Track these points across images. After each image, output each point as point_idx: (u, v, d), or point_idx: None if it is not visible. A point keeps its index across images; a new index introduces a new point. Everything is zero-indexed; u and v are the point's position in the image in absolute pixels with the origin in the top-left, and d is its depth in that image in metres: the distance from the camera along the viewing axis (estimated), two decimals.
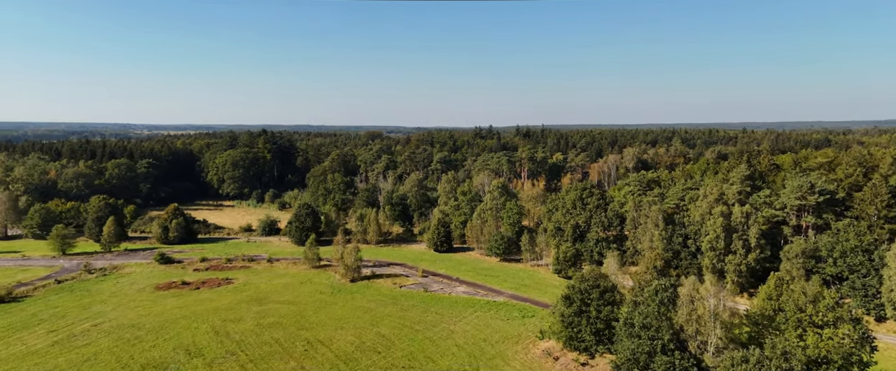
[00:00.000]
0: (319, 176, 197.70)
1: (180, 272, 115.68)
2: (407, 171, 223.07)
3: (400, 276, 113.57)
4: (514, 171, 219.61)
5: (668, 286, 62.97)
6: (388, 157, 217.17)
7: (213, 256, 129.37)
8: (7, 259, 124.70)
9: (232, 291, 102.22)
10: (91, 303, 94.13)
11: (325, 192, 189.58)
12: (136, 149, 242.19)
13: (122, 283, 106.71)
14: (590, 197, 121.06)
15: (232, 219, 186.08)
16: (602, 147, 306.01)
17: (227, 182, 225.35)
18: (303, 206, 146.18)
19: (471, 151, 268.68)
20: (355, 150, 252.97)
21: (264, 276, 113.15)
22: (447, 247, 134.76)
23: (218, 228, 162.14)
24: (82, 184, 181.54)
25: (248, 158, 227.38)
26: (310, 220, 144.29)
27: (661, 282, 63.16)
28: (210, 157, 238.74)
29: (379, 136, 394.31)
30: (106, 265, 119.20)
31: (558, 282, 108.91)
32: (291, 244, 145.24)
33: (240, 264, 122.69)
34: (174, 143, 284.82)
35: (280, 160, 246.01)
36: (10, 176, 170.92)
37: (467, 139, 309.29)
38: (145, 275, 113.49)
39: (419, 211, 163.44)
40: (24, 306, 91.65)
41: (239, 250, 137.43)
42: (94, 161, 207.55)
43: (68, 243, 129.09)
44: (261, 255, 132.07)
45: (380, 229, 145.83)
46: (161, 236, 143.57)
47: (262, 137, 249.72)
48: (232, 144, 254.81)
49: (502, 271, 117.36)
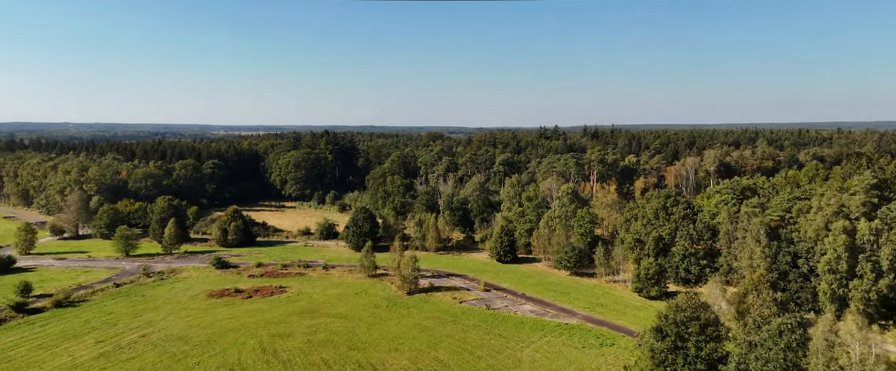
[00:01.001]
0: (379, 178, 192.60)
1: (235, 278, 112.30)
2: (468, 174, 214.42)
3: (460, 289, 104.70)
4: (583, 174, 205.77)
5: (794, 326, 50.30)
6: (449, 159, 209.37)
7: (268, 261, 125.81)
8: (74, 259, 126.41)
9: (284, 302, 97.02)
10: (144, 310, 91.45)
11: (385, 194, 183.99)
12: (203, 149, 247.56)
13: (176, 289, 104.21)
14: (675, 206, 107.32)
15: (292, 221, 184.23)
16: (678, 148, 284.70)
17: (290, 183, 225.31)
18: (360, 210, 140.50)
19: (535, 153, 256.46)
20: (416, 152, 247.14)
21: (318, 285, 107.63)
22: (511, 257, 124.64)
23: (277, 231, 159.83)
24: (151, 184, 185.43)
25: (310, 159, 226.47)
26: (367, 224, 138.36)
27: (785, 321, 50.58)
28: (274, 158, 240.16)
29: (440, 136, 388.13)
30: (164, 268, 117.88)
31: (639, 302, 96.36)
32: (348, 249, 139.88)
33: (295, 271, 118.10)
34: (241, 144, 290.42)
35: (341, 161, 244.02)
36: (84, 176, 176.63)
37: (531, 140, 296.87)
38: (200, 280, 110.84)
39: (481, 216, 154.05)
40: (80, 312, 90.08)
41: (296, 255, 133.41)
42: (163, 162, 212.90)
43: (131, 245, 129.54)
44: (317, 261, 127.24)
45: (439, 236, 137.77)
46: (220, 239, 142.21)
47: (324, 138, 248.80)
48: (295, 145, 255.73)
49: (573, 287, 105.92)
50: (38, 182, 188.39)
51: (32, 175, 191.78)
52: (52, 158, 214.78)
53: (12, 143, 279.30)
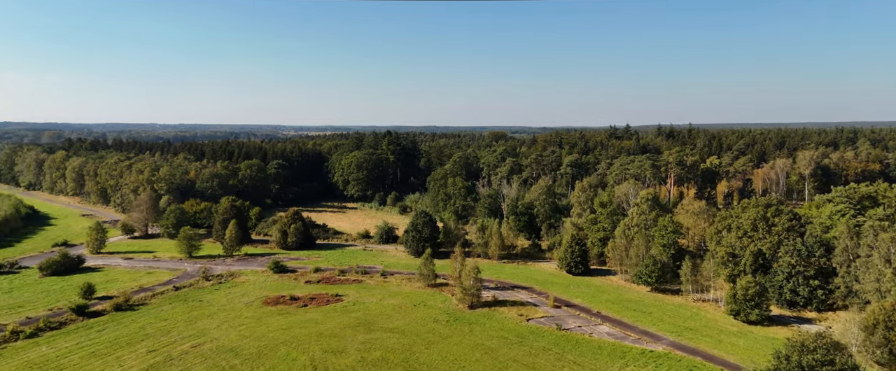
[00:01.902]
0: (440, 179, 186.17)
1: (291, 284, 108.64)
2: (533, 176, 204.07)
3: (527, 304, 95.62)
4: (659, 177, 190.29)
5: None
6: (513, 160, 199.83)
7: (326, 266, 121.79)
8: (140, 259, 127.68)
9: (340, 312, 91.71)
10: (199, 316, 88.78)
11: (445, 196, 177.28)
12: (269, 150, 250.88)
13: (233, 294, 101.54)
14: (777, 216, 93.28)
15: (352, 222, 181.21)
16: (765, 149, 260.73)
17: (352, 184, 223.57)
18: (420, 213, 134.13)
19: (605, 154, 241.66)
20: (478, 152, 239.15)
21: (376, 294, 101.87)
22: (583, 269, 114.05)
23: (336, 233, 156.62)
24: (217, 184, 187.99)
25: (371, 160, 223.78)
26: (427, 229, 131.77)
27: None
28: (337, 159, 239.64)
29: (503, 136, 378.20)
30: (223, 272, 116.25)
31: (736, 327, 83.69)
32: (407, 255, 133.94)
33: (352, 278, 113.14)
34: (305, 144, 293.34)
35: (403, 162, 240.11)
36: (155, 175, 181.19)
37: (600, 140, 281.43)
38: (257, 285, 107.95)
39: (548, 222, 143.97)
40: (137, 316, 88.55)
41: (354, 260, 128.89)
42: (230, 162, 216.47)
43: (194, 246, 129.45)
44: (375, 267, 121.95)
45: (503, 243, 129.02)
46: (280, 241, 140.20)
47: (386, 138, 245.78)
48: (358, 145, 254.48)
49: (656, 306, 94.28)
50: (115, 181, 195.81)
51: (110, 174, 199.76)
52: (129, 158, 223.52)
53: (96, 143, 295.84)
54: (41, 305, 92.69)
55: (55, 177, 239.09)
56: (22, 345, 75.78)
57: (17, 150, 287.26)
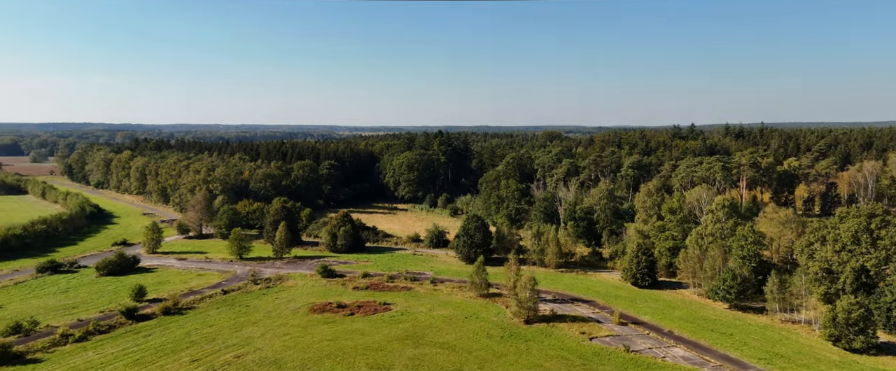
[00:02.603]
0: (492, 181, 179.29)
1: (339, 290, 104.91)
2: (591, 178, 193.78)
3: (589, 320, 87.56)
4: (730, 180, 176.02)
5: None
6: (570, 162, 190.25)
7: (375, 271, 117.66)
8: (193, 260, 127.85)
9: (387, 322, 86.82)
10: (245, 323, 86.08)
11: (498, 199, 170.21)
12: (322, 150, 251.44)
13: (280, 299, 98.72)
14: (884, 228, 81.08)
15: (402, 225, 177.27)
16: (849, 150, 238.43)
17: (403, 185, 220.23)
18: (472, 218, 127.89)
19: (668, 155, 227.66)
20: (532, 153, 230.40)
21: (425, 303, 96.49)
22: (650, 281, 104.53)
23: (386, 236, 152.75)
24: (270, 185, 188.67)
25: (422, 161, 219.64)
26: (479, 234, 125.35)
27: None
28: (388, 159, 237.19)
29: (557, 136, 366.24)
30: (272, 275, 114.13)
31: (837, 355, 72.83)
32: (458, 261, 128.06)
33: (401, 285, 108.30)
34: (357, 145, 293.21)
35: (454, 163, 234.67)
36: (211, 175, 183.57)
37: (663, 140, 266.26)
38: (305, 290, 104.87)
39: (609, 228, 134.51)
40: (185, 321, 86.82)
41: (403, 265, 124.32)
42: (283, 162, 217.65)
43: (245, 247, 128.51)
44: (425, 273, 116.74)
45: (560, 250, 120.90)
46: (329, 243, 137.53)
47: (438, 139, 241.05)
48: (409, 146, 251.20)
49: (736, 326, 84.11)
50: (174, 181, 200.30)
51: (169, 174, 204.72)
52: (189, 158, 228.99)
53: (160, 144, 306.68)
54: (94, 307, 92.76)
55: (120, 176, 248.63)
56: (70, 349, 74.95)
57: (89, 150, 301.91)
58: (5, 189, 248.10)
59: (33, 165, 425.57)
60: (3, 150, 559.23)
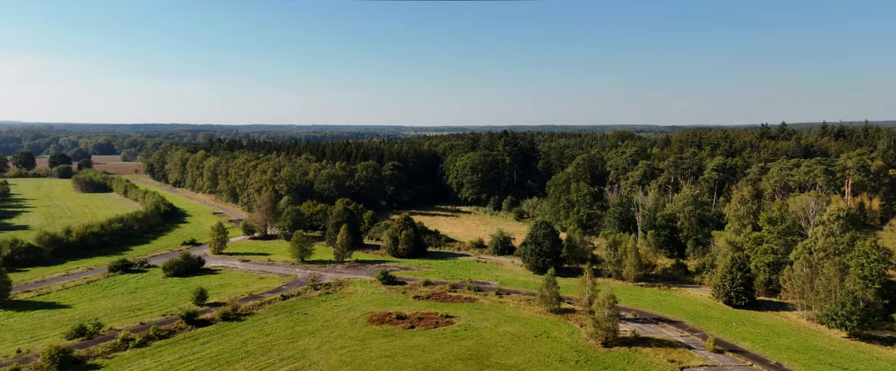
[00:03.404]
0: (561, 184, 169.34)
1: (399, 299, 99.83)
2: (670, 181, 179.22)
3: (678, 345, 77.34)
4: (834, 185, 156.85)
5: None
6: (647, 164, 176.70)
7: (437, 280, 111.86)
8: (256, 262, 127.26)
9: (449, 338, 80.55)
10: (301, 333, 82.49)
11: (567, 204, 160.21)
12: (386, 150, 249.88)
13: (339, 308, 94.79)
14: None
15: (465, 228, 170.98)
16: None
17: (466, 186, 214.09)
18: (540, 224, 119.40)
19: (756, 156, 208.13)
20: (603, 154, 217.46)
21: (490, 317, 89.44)
22: (747, 300, 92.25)
23: (449, 241, 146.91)
24: (334, 186, 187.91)
25: (486, 162, 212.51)
26: (548, 242, 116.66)
27: None
28: (451, 160, 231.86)
29: (630, 136, 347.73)
30: (332, 280, 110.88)
31: None
32: (525, 270, 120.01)
33: (465, 295, 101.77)
34: (421, 145, 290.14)
35: (520, 164, 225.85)
36: (277, 176, 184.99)
37: (749, 140, 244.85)
38: (365, 298, 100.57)
39: (694, 238, 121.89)
40: (242, 328, 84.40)
41: (467, 273, 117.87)
42: (347, 163, 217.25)
43: (306, 250, 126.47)
44: (489, 283, 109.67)
45: (640, 262, 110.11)
46: (391, 247, 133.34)
47: (503, 139, 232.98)
48: (473, 146, 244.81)
49: (861, 360, 71.32)
50: (242, 181, 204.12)
51: (238, 174, 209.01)
52: (258, 158, 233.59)
53: (233, 144, 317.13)
54: (157, 309, 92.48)
55: (195, 175, 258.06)
56: (129, 355, 73.78)
57: (168, 150, 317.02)
58: (93, 187, 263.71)
59: (122, 164, 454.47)
60: (99, 149, 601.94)
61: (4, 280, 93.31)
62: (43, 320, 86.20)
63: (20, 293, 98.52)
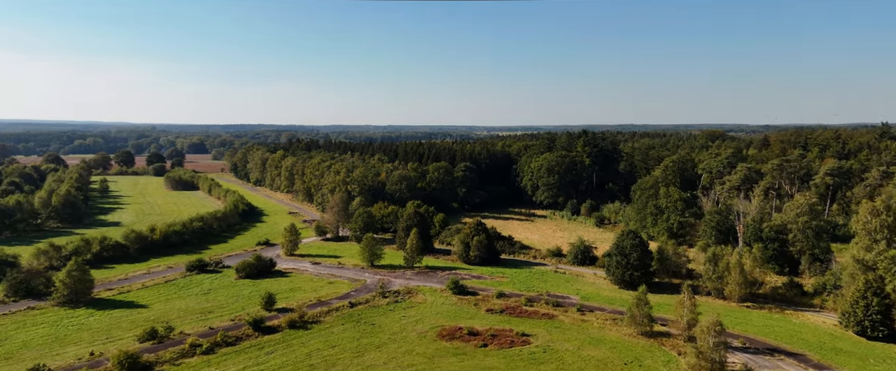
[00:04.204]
0: (648, 189, 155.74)
1: (471, 311, 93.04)
2: (774, 187, 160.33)
3: None
4: None
5: None
6: (747, 167, 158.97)
7: (511, 291, 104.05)
8: (326, 265, 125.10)
9: (526, 360, 72.75)
10: (367, 346, 77.70)
11: (656, 210, 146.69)
12: (458, 151, 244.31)
13: (408, 319, 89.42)
14: None
15: (541, 234, 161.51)
16: None
17: (541, 189, 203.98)
18: (628, 234, 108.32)
19: (876, 159, 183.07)
20: (694, 155, 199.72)
21: (572, 338, 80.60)
22: (885, 332, 77.39)
23: (524, 248, 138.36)
24: (405, 187, 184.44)
25: (564, 163, 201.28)
26: (636, 253, 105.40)
27: None
28: (526, 161, 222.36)
29: (721, 136, 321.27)
30: (401, 288, 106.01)
31: None
32: (610, 284, 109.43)
33: (542, 310, 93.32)
34: (494, 145, 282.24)
35: (600, 165, 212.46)
36: (349, 177, 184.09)
37: (866, 141, 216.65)
38: (434, 308, 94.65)
39: (811, 253, 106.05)
40: (307, 338, 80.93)
41: (544, 284, 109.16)
42: (419, 164, 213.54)
43: (376, 254, 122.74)
44: (570, 297, 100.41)
45: (745, 279, 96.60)
46: (462, 253, 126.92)
47: (582, 139, 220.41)
48: (549, 147, 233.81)
49: None
50: (317, 181, 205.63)
51: (313, 174, 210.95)
52: (333, 158, 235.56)
53: (310, 144, 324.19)
54: (227, 313, 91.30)
55: (273, 174, 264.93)
56: (195, 362, 71.93)
57: (250, 150, 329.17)
58: (182, 185, 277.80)
59: (212, 163, 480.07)
60: (192, 148, 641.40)
61: (87, 278, 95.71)
62: (120, 320, 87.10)
63: (103, 291, 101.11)
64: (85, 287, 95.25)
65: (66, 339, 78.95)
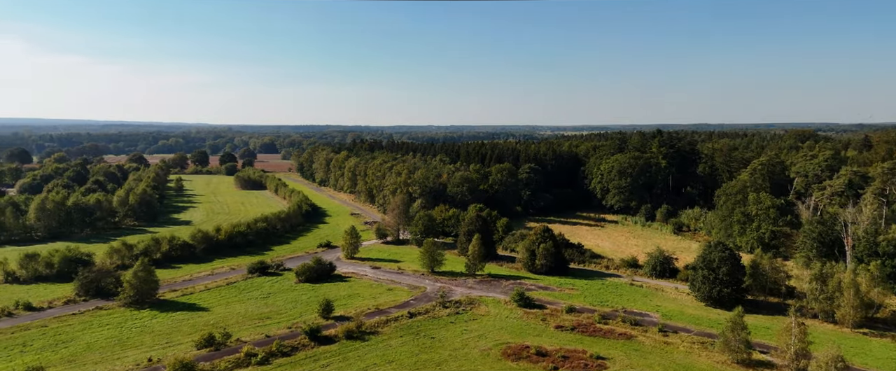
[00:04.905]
0: (735, 194, 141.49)
1: (538, 327, 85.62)
2: (882, 193, 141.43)
3: None
4: None
5: None
6: (852, 171, 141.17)
7: (583, 305, 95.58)
8: (386, 270, 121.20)
9: None
10: (426, 363, 72.21)
11: (744, 218, 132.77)
12: (522, 152, 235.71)
13: (470, 333, 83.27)
14: None
15: (613, 242, 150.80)
16: None
17: (612, 192, 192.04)
18: (715, 245, 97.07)
19: None
20: (784, 157, 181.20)
21: (655, 364, 71.64)
22: None
23: (594, 257, 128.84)
24: (467, 189, 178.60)
25: (637, 165, 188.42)
26: (726, 267, 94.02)
27: None
28: (595, 162, 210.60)
29: (812, 136, 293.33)
30: (462, 298, 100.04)
31: None
32: (694, 300, 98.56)
33: (619, 329, 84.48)
34: (560, 146, 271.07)
35: (677, 167, 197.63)
36: (411, 178, 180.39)
37: None
38: (498, 322, 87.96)
39: None
40: (364, 351, 76.52)
41: (619, 298, 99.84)
42: (481, 165, 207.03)
43: (437, 260, 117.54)
44: (649, 315, 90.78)
45: (861, 301, 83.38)
46: (527, 261, 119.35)
47: (657, 139, 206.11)
48: (620, 147, 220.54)
49: None
50: (378, 182, 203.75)
51: (375, 175, 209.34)
52: (395, 159, 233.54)
53: (374, 145, 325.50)
54: (285, 319, 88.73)
55: (337, 175, 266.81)
56: None
57: (315, 150, 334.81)
58: (251, 184, 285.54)
59: (281, 162, 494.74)
60: (264, 148, 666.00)
61: (152, 279, 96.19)
62: (181, 324, 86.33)
63: (167, 292, 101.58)
64: (150, 288, 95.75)
65: (128, 342, 78.60)
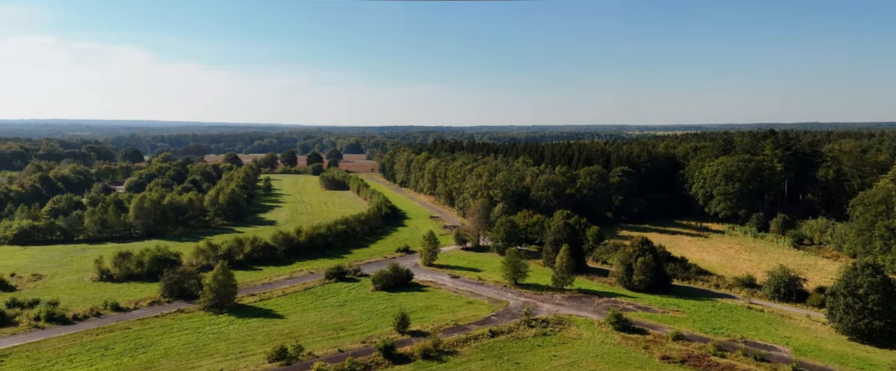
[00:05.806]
0: (876, 204, 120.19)
1: (641, 357, 74.24)
2: None
3: None
4: None
5: None
6: None
7: (692, 332, 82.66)
8: (465, 279, 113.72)
9: None
10: None
11: (889, 233, 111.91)
12: (613, 153, 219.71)
13: (559, 360, 73.64)
14: None
15: (721, 255, 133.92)
16: None
17: (716, 199, 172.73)
18: (863, 268, 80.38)
19: None
20: None
21: None
22: None
23: (701, 273, 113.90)
24: (552, 193, 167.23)
25: (747, 169, 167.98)
26: (877, 295, 77.35)
27: None
28: (696, 165, 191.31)
29: None
30: (549, 315, 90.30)
31: None
32: (834, 333, 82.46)
33: (741, 365, 71.33)
34: (655, 147, 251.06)
35: (795, 171, 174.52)
36: (491, 181, 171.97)
37: None
38: (592, 348, 77.52)
39: None
40: None
41: (736, 326, 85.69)
42: (568, 167, 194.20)
43: (520, 271, 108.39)
44: (777, 347, 76.45)
45: None
46: (623, 276, 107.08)
47: (770, 140, 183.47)
48: (726, 149, 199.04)
49: None
50: (458, 184, 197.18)
51: (455, 177, 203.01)
52: (476, 160, 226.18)
53: (454, 146, 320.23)
54: (359, 331, 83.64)
55: (417, 176, 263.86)
56: None
57: (396, 151, 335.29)
58: (334, 184, 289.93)
59: (365, 163, 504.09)
60: (350, 149, 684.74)
61: (231, 283, 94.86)
62: (256, 332, 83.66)
63: (246, 296, 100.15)
64: (229, 292, 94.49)
65: (203, 350, 76.63)
